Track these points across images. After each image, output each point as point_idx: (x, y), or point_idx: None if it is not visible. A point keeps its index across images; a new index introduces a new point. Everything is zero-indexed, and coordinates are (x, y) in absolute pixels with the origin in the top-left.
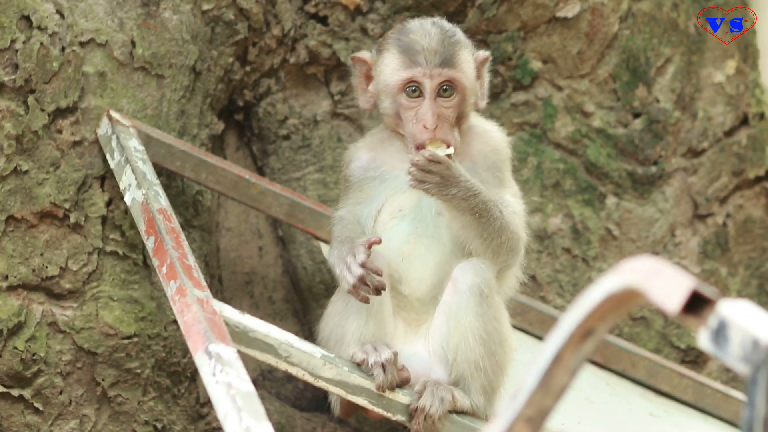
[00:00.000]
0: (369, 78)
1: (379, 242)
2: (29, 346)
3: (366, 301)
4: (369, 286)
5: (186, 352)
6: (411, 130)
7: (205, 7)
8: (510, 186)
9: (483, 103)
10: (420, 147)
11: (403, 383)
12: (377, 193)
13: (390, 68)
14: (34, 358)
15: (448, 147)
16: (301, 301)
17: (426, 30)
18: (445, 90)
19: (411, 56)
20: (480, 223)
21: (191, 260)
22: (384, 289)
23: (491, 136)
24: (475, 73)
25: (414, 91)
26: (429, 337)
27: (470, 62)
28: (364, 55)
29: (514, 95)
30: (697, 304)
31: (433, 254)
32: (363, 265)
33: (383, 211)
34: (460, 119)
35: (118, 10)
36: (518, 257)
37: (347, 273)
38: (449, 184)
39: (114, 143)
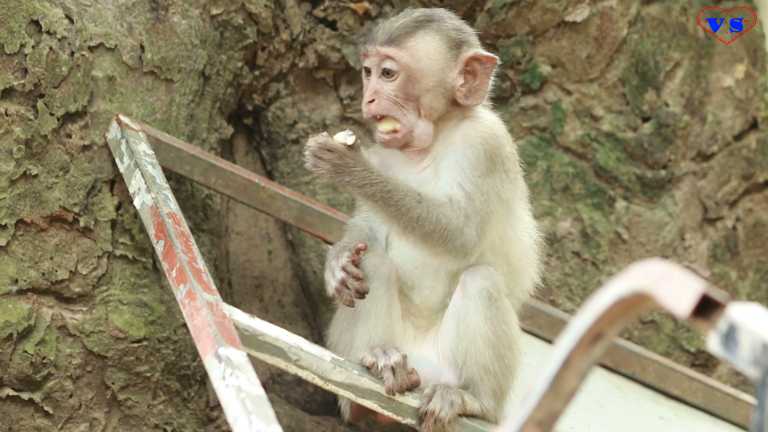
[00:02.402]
0: None
1: (365, 248)
2: (39, 349)
3: (351, 304)
4: (351, 290)
5: (196, 355)
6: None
7: (214, 11)
8: (475, 175)
9: (471, 101)
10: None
11: (413, 386)
12: None
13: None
14: (44, 361)
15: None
16: (311, 305)
17: (402, 14)
18: (388, 67)
19: (368, 34)
20: (389, 212)
21: (201, 264)
22: (367, 292)
23: (482, 123)
24: (453, 66)
25: (367, 69)
26: (438, 340)
27: (433, 47)
28: None
29: (523, 99)
30: (707, 307)
31: (446, 262)
32: (344, 269)
33: None
34: (415, 104)
35: (127, 14)
36: (455, 245)
37: (331, 277)
38: (341, 172)
39: (123, 147)
